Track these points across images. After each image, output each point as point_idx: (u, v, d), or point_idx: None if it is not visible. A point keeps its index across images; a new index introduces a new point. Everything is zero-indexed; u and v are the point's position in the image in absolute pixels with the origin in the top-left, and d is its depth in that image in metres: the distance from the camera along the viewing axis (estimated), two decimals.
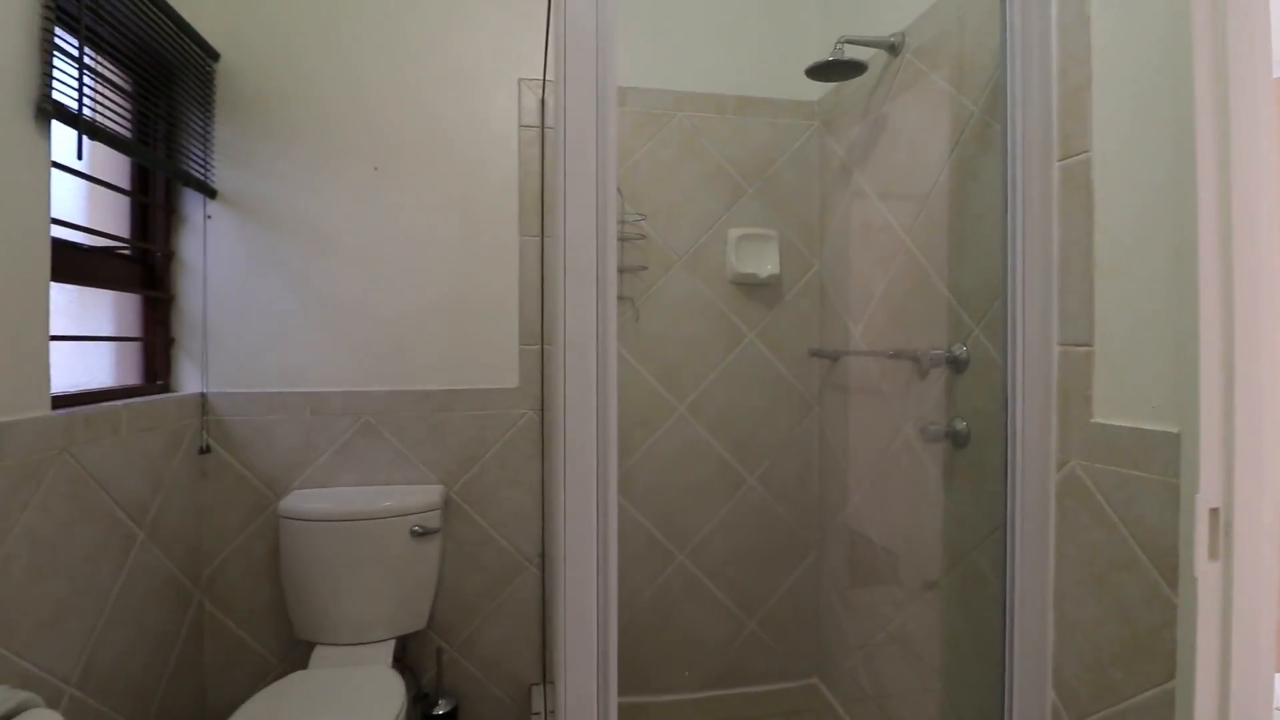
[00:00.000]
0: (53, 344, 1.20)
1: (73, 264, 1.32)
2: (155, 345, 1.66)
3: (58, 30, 1.18)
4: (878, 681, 1.79)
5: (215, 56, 1.71)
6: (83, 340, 1.41)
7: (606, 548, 0.98)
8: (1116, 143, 1.06)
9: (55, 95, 1.17)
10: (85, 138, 1.24)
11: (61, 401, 1.25)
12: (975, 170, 1.42)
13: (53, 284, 1.21)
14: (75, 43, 1.22)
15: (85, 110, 1.24)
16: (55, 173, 1.22)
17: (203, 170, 1.68)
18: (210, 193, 1.71)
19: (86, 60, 1.26)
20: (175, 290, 1.71)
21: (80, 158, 1.22)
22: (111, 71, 1.41)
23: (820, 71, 1.71)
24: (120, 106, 1.40)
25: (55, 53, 1.18)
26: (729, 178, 2.03)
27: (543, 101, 1.92)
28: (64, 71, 1.20)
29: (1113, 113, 1.07)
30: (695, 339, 2.02)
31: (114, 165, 1.53)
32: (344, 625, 1.63)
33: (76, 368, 1.39)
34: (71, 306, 1.39)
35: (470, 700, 1.85)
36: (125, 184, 1.56)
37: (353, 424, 1.78)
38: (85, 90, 1.24)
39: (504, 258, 1.88)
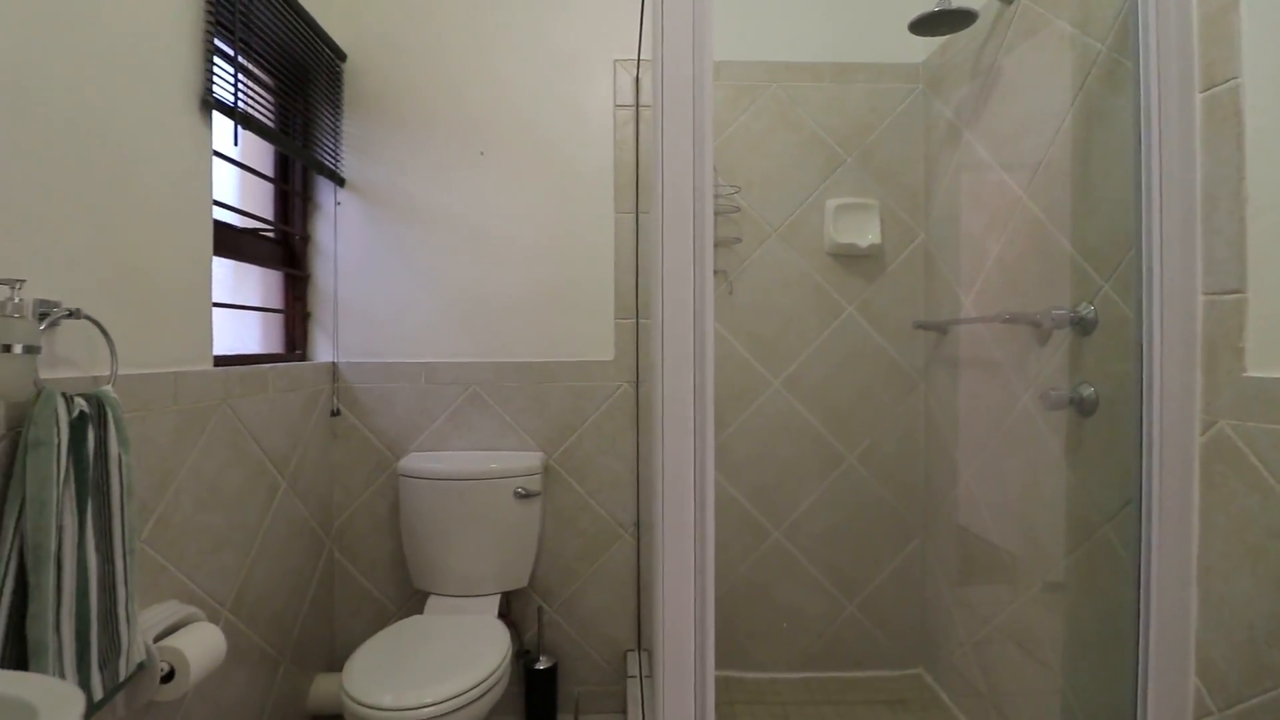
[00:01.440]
0: (214, 310, 1.38)
1: (228, 241, 1.50)
2: (294, 318, 1.85)
3: (217, 38, 1.35)
4: (991, 673, 1.68)
5: (343, 57, 1.88)
6: (237, 308, 1.59)
7: (704, 519, 0.98)
8: (1271, 65, 0.94)
9: (215, 91, 1.34)
10: (240, 128, 1.41)
11: (220, 362, 1.42)
12: (1103, 114, 1.31)
13: (213, 258, 1.38)
14: (230, 48, 1.39)
15: (239, 104, 1.41)
16: (214, 160, 1.39)
17: (333, 160, 1.85)
18: (340, 181, 1.89)
19: (240, 61, 1.43)
20: (311, 269, 1.90)
21: (236, 144, 1.39)
22: (258, 72, 1.59)
23: (925, 25, 1.63)
24: (266, 102, 1.57)
25: (215, 55, 1.35)
26: (826, 147, 1.97)
27: (637, 81, 1.96)
28: (222, 71, 1.36)
29: (1265, 33, 0.95)
30: (791, 312, 1.98)
31: (259, 157, 1.72)
32: (455, 578, 1.75)
33: (229, 334, 1.58)
34: (228, 279, 1.57)
35: (569, 660, 1.93)
36: (269, 174, 1.75)
37: (462, 392, 1.90)
38: (239, 87, 1.41)
39: (600, 234, 1.93)
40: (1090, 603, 1.33)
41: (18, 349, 0.81)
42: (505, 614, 1.80)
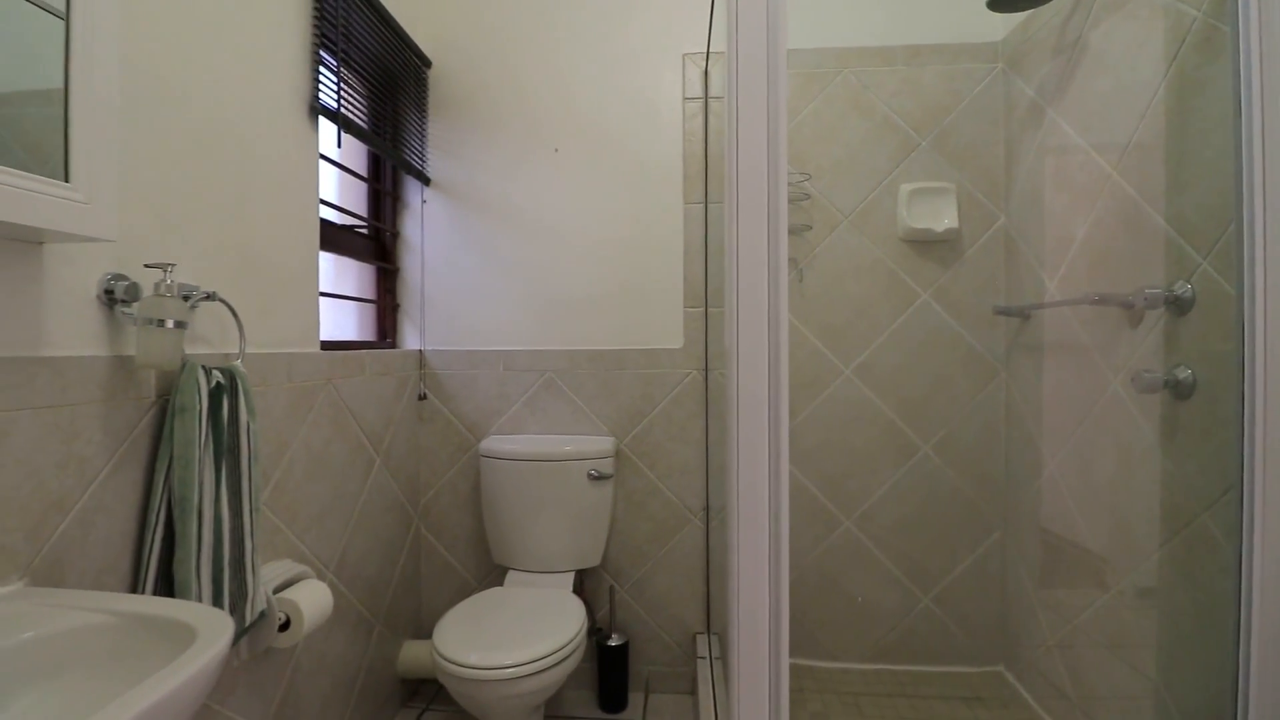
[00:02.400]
0: (321, 299, 1.51)
1: (329, 236, 1.64)
2: (385, 308, 1.99)
3: (321, 50, 1.48)
4: (1078, 674, 1.62)
5: (428, 64, 2.01)
6: (339, 298, 1.73)
7: (779, 506, 1.00)
8: None
9: (321, 98, 1.47)
10: (342, 131, 1.54)
11: (324, 346, 1.55)
12: (1199, 83, 1.24)
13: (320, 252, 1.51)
14: (333, 58, 1.52)
15: (341, 110, 1.54)
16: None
17: (420, 161, 1.98)
18: (425, 180, 2.01)
19: (340, 71, 1.56)
20: (400, 263, 2.03)
21: (339, 146, 1.52)
22: (354, 80, 1.72)
23: (1005, 1, 1.59)
24: (362, 107, 1.70)
25: (320, 66, 1.47)
26: (899, 131, 1.95)
27: (705, 74, 1.99)
28: (326, 79, 1.49)
29: None
30: (862, 300, 1.96)
31: (354, 159, 1.86)
32: (532, 554, 1.83)
33: (330, 322, 1.72)
34: (328, 271, 1.71)
35: (639, 640, 1.98)
36: (363, 174, 1.89)
37: (538, 379, 1.99)
38: (341, 95, 1.54)
39: (669, 225, 1.98)
40: (1186, 596, 1.27)
41: (170, 324, 0.93)
42: (579, 591, 1.87)
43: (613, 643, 1.87)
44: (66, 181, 0.78)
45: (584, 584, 1.96)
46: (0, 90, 0.76)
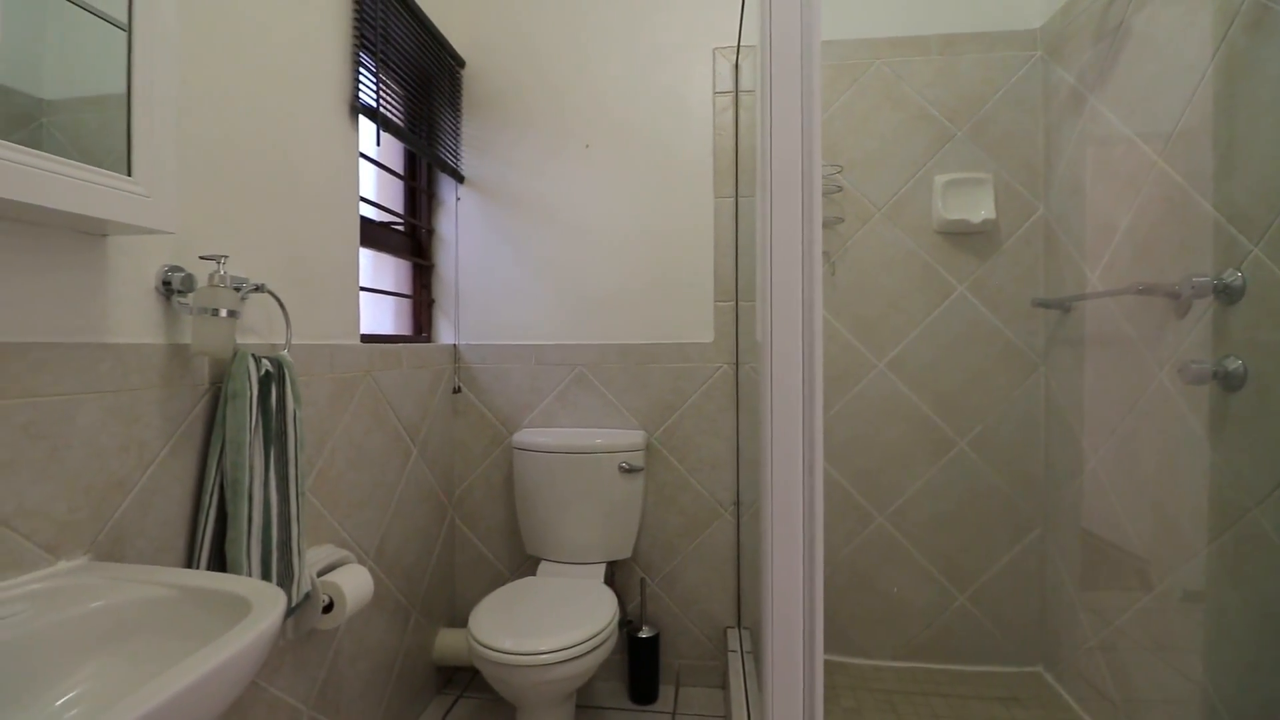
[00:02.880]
0: (360, 294, 1.55)
1: (367, 233, 1.68)
2: (421, 303, 2.03)
3: (361, 51, 1.52)
4: (1122, 673, 1.58)
5: (462, 64, 2.04)
6: (378, 293, 1.78)
7: (813, 501, 0.99)
8: None
9: (360, 98, 1.51)
10: (381, 130, 1.58)
11: (364, 339, 1.59)
12: (1249, 66, 1.20)
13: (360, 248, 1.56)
14: (371, 60, 1.56)
15: (380, 109, 1.58)
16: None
17: (454, 159, 2.02)
18: (459, 178, 2.05)
19: (378, 72, 1.60)
20: (435, 259, 2.08)
21: (378, 144, 1.56)
22: (391, 81, 1.76)
23: None
24: (398, 107, 1.75)
25: (360, 67, 1.52)
26: (934, 122, 1.92)
27: (736, 67, 1.99)
28: (366, 80, 1.53)
29: None
30: (895, 292, 1.94)
31: (390, 157, 1.90)
32: (564, 545, 1.85)
33: (368, 316, 1.76)
34: (367, 267, 1.76)
35: (670, 633, 1.99)
36: (400, 172, 1.94)
37: (569, 373, 2.01)
38: (380, 95, 1.58)
39: (699, 219, 1.98)
40: (1236, 595, 1.23)
41: (223, 313, 0.97)
42: (609, 583, 1.88)
43: (643, 635, 1.88)
44: (129, 176, 0.83)
45: (615, 576, 1.97)
46: (68, 95, 0.80)
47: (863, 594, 1.98)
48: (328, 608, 1.25)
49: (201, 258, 1.03)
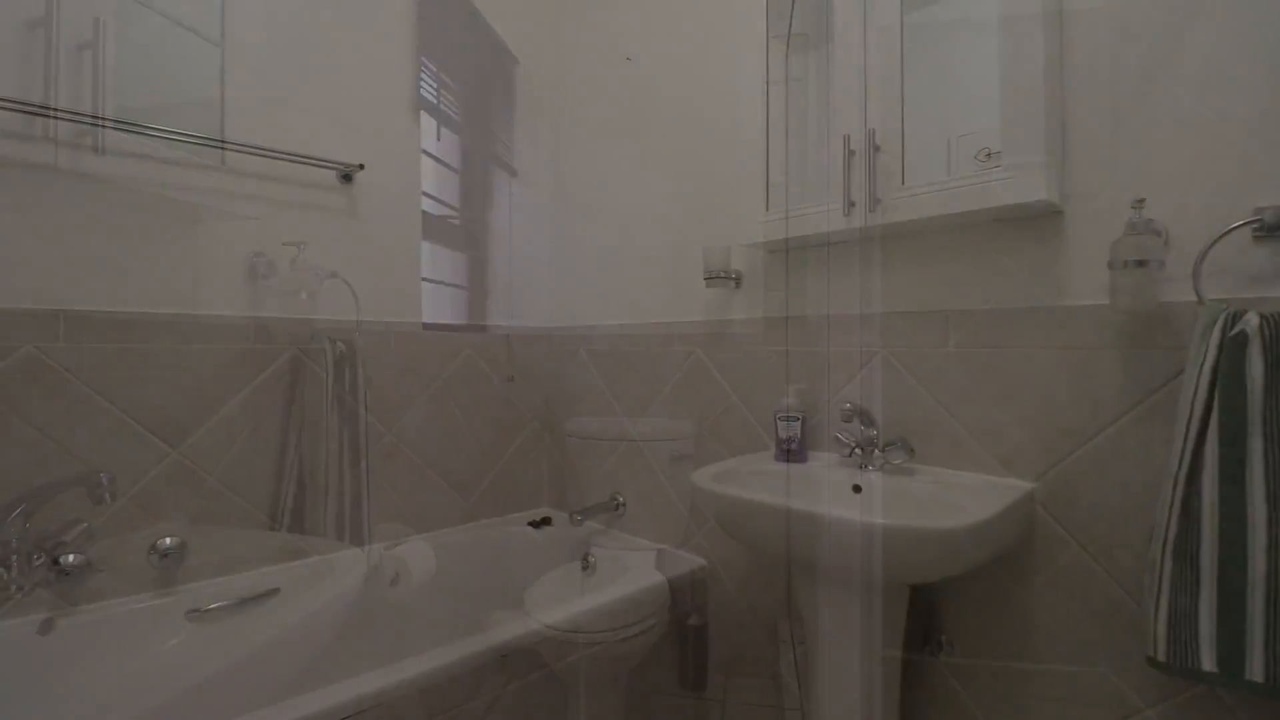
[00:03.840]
0: (422, 284, 1.61)
1: (429, 226, 1.75)
2: (476, 293, 2.09)
3: (423, 53, 1.58)
4: None
5: (516, 62, 2.10)
6: (436, 283, 1.84)
7: None
8: None
9: (423, 96, 1.57)
10: (441, 127, 1.64)
11: (424, 328, 1.66)
12: None
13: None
14: (432, 61, 1.62)
15: (441, 107, 1.64)
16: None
17: (507, 154, 2.07)
18: (512, 173, 2.10)
19: (438, 72, 1.66)
20: (488, 251, 2.14)
21: (438, 139, 1.62)
22: (449, 79, 1.82)
23: None
24: (456, 105, 1.81)
25: (422, 69, 1.58)
26: None
27: (786, 58, 1.97)
28: (427, 79, 1.60)
29: None
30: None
31: (446, 152, 1.97)
32: (614, 532, 1.89)
33: (427, 305, 1.83)
34: (426, 258, 1.82)
35: (721, 622, 1.99)
36: (455, 166, 2.00)
37: (619, 362, 2.04)
38: (440, 93, 1.64)
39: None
40: None
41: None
42: (659, 569, 1.90)
43: (693, 623, 1.89)
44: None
45: (665, 563, 1.99)
46: (171, 100, 0.87)
47: None
48: (393, 581, 1.30)
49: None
